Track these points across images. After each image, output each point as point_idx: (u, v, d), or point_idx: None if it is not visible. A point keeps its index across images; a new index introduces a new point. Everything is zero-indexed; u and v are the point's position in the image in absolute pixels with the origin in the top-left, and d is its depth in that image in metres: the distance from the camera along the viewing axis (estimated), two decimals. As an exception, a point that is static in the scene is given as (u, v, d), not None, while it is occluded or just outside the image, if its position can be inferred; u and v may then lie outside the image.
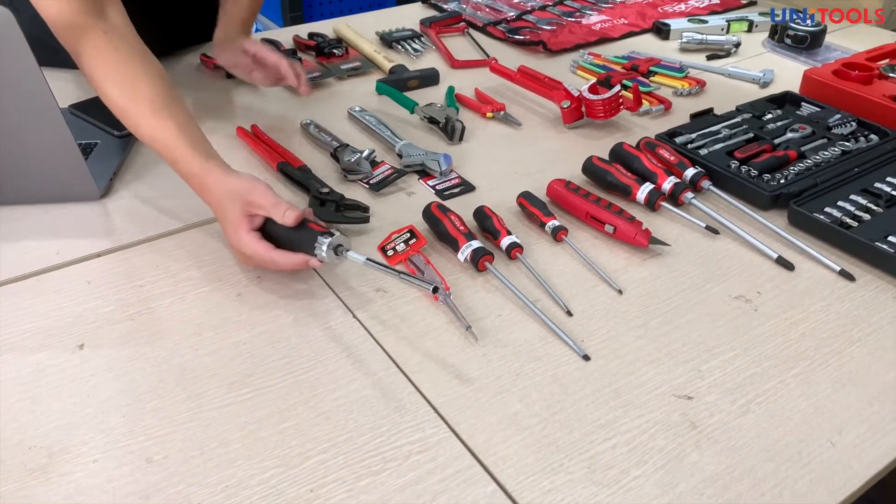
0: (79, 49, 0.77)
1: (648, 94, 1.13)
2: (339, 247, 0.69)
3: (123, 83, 0.76)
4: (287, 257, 0.70)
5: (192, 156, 0.74)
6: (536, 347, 0.66)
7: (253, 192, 0.71)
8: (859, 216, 0.81)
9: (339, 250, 0.69)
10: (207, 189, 0.74)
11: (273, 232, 0.72)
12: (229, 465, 0.55)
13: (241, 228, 0.71)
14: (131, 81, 0.76)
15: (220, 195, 0.73)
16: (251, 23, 1.10)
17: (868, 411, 0.60)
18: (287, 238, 0.71)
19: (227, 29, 1.06)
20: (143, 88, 0.76)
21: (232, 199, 0.72)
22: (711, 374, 0.63)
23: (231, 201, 0.72)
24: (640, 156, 0.89)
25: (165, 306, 0.70)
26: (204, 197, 0.75)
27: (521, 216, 0.85)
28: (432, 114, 1.04)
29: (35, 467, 0.55)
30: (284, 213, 0.70)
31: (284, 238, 0.71)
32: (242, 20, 1.08)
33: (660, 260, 0.78)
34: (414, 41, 1.35)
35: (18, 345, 0.66)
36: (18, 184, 0.83)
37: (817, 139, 0.96)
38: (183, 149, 0.74)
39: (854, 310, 0.71)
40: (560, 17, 1.48)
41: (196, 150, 0.75)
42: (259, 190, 0.72)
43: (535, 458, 0.56)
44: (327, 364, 0.64)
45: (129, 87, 0.76)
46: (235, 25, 1.07)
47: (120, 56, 0.77)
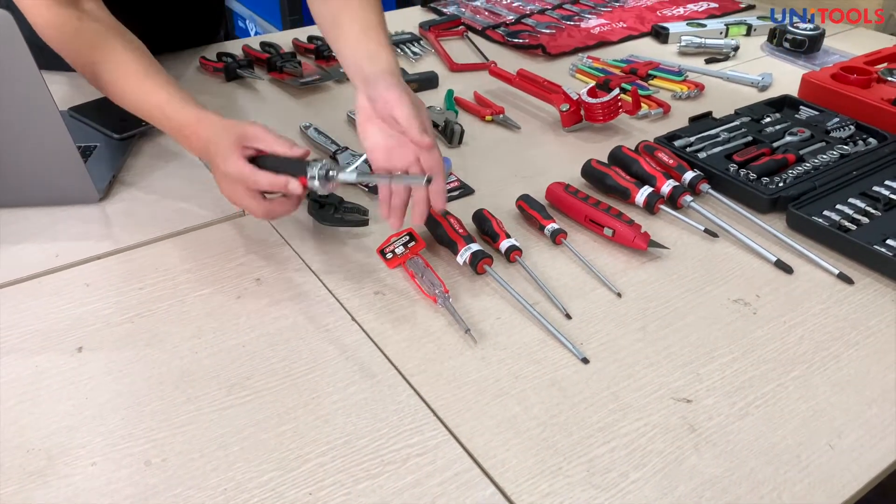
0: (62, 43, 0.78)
1: (647, 98, 1.13)
2: (329, 171, 0.69)
3: (105, 57, 0.78)
4: (268, 177, 0.69)
5: (185, 105, 0.75)
6: (535, 350, 0.66)
7: (252, 127, 0.71)
8: (858, 219, 0.81)
9: (329, 175, 0.69)
10: (198, 134, 0.74)
11: (264, 166, 0.71)
12: (228, 468, 0.55)
13: (233, 154, 0.70)
14: (111, 54, 0.78)
15: (212, 132, 0.72)
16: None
17: (867, 414, 0.60)
18: (278, 170, 0.70)
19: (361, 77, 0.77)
20: (126, 59, 0.78)
21: (226, 131, 0.71)
22: (710, 377, 0.63)
23: (225, 133, 0.71)
24: (639, 159, 0.89)
25: (165, 309, 0.70)
26: (192, 143, 0.75)
27: (520, 219, 0.85)
28: (432, 117, 1.04)
29: (34, 470, 0.55)
30: (291, 146, 0.70)
31: (275, 170, 0.71)
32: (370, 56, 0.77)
33: (659, 263, 0.78)
34: (413, 44, 1.35)
35: (18, 347, 0.66)
36: (18, 186, 0.83)
37: (816, 143, 0.96)
38: (174, 101, 0.75)
39: (853, 313, 0.71)
40: (559, 21, 1.48)
41: (188, 100, 0.76)
42: (259, 127, 0.72)
43: (534, 461, 0.56)
44: (326, 367, 0.64)
45: (111, 59, 0.78)
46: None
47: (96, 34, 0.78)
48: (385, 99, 0.71)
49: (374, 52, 0.76)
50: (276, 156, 0.71)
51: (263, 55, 1.23)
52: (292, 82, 1.15)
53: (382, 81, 0.72)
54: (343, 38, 0.79)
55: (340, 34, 0.79)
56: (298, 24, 2.75)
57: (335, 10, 0.80)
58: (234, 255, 0.78)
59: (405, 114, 0.70)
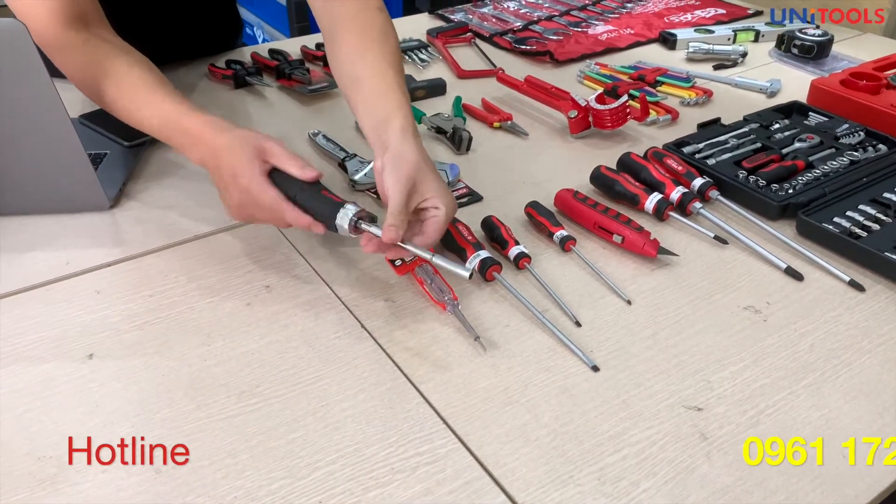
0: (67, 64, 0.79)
1: (655, 104, 1.13)
2: (359, 220, 0.68)
3: (111, 73, 0.78)
4: (295, 214, 0.69)
5: (192, 113, 0.74)
6: (545, 358, 0.66)
7: (268, 141, 0.71)
8: (868, 226, 0.81)
9: (358, 224, 0.68)
10: (206, 141, 0.72)
11: (280, 185, 0.70)
12: (238, 476, 0.55)
13: (254, 170, 0.69)
14: (117, 71, 0.78)
15: (227, 140, 0.71)
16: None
17: (879, 423, 0.60)
18: (295, 196, 0.70)
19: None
20: (132, 75, 0.78)
21: (245, 142, 0.70)
22: (721, 385, 0.63)
23: (244, 144, 0.70)
24: (648, 165, 0.89)
25: (174, 316, 0.71)
26: (199, 149, 0.73)
27: (528, 226, 0.85)
28: (439, 124, 1.04)
29: (44, 477, 0.55)
30: (303, 167, 0.69)
31: (292, 195, 0.70)
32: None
33: (668, 270, 0.78)
34: (421, 51, 1.35)
35: (28, 355, 0.66)
36: (29, 194, 0.83)
37: (825, 149, 0.96)
38: (182, 111, 0.75)
39: (864, 320, 0.71)
40: (566, 28, 1.49)
41: (196, 110, 0.75)
42: (274, 141, 0.71)
43: (545, 470, 0.55)
44: (335, 374, 0.64)
45: (116, 76, 0.78)
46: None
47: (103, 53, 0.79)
48: (383, 180, 0.71)
49: (387, 116, 0.75)
50: (301, 184, 0.69)
51: (272, 62, 1.24)
52: (301, 89, 1.16)
53: (390, 163, 0.71)
54: (359, 97, 0.79)
55: (356, 91, 0.80)
56: (306, 30, 2.77)
57: (353, 68, 0.80)
58: (243, 262, 0.78)
59: (391, 203, 0.69)
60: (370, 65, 0.79)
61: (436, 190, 0.71)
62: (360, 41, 0.81)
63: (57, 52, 0.79)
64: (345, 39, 0.82)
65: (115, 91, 0.78)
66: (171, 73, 1.19)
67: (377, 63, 0.79)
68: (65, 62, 0.80)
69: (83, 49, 0.79)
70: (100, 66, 0.78)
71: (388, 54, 0.81)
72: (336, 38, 0.83)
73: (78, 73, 0.80)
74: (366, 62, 0.80)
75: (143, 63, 0.80)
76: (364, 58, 0.80)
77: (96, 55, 0.79)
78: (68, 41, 0.78)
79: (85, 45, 0.79)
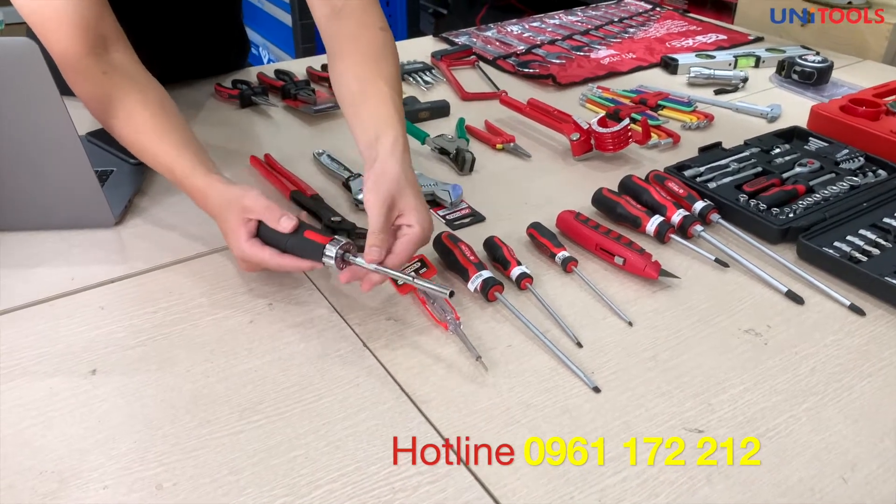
0: (82, 90, 0.80)
1: (657, 128, 1.14)
2: (345, 254, 0.69)
3: (125, 117, 0.79)
4: (295, 262, 0.71)
5: (194, 172, 0.76)
6: (546, 378, 0.66)
7: (246, 197, 0.72)
8: (868, 251, 0.81)
9: (346, 257, 0.69)
10: (209, 201, 0.76)
11: (267, 236, 0.72)
12: (239, 494, 0.55)
13: (240, 238, 0.72)
14: (129, 114, 0.79)
15: (219, 205, 0.74)
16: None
17: (880, 447, 0.60)
18: (284, 244, 0.71)
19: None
20: (142, 118, 0.79)
21: (229, 207, 0.73)
22: (721, 407, 0.63)
23: (228, 210, 0.73)
24: (650, 188, 0.90)
25: (178, 333, 0.71)
26: (207, 210, 0.77)
27: (530, 247, 0.85)
28: (443, 145, 1.05)
29: (46, 492, 0.55)
30: (280, 219, 0.71)
31: (281, 244, 0.72)
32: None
33: (669, 292, 0.78)
34: (425, 73, 1.37)
35: (31, 369, 0.66)
36: (36, 210, 0.84)
37: (825, 174, 0.97)
38: (185, 167, 0.77)
39: (864, 344, 0.71)
40: (569, 52, 1.50)
41: (197, 166, 0.77)
42: (251, 194, 0.72)
43: (545, 491, 0.55)
44: (338, 392, 0.64)
45: (126, 116, 0.79)
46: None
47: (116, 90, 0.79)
48: (367, 198, 0.72)
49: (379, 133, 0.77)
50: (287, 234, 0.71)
51: (278, 83, 1.25)
52: (306, 109, 1.17)
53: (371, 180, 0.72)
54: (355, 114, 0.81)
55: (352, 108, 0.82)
56: (311, 51, 2.80)
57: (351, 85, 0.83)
58: (246, 279, 0.79)
59: (371, 222, 0.70)
60: (367, 82, 0.81)
61: (412, 207, 0.71)
62: (359, 59, 0.83)
63: (73, 77, 0.79)
64: (345, 57, 0.84)
65: (124, 128, 0.80)
66: (178, 91, 1.21)
67: (375, 81, 0.81)
68: (80, 88, 0.80)
69: (100, 81, 0.79)
70: (111, 102, 0.79)
71: (386, 73, 0.82)
72: (337, 56, 0.85)
73: (91, 102, 0.80)
74: (363, 80, 0.81)
75: (155, 103, 0.81)
76: (362, 75, 0.82)
77: (112, 89, 0.79)
78: (87, 68, 0.79)
79: (102, 76, 0.79)
